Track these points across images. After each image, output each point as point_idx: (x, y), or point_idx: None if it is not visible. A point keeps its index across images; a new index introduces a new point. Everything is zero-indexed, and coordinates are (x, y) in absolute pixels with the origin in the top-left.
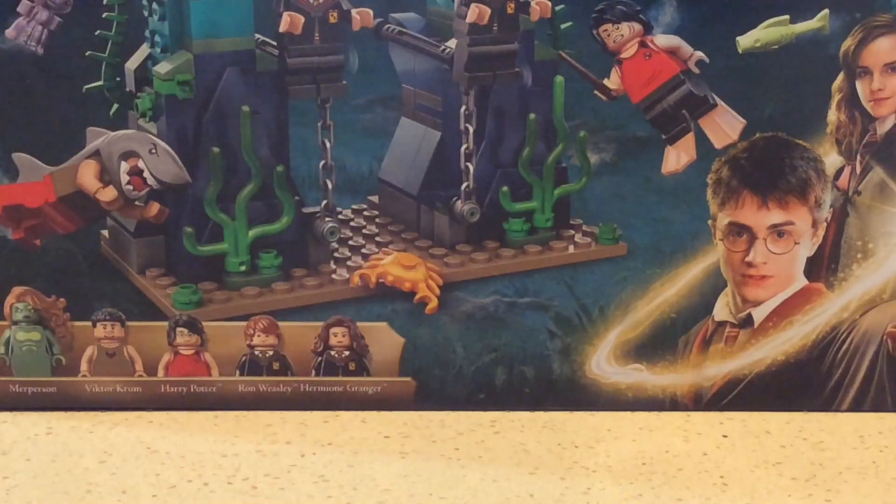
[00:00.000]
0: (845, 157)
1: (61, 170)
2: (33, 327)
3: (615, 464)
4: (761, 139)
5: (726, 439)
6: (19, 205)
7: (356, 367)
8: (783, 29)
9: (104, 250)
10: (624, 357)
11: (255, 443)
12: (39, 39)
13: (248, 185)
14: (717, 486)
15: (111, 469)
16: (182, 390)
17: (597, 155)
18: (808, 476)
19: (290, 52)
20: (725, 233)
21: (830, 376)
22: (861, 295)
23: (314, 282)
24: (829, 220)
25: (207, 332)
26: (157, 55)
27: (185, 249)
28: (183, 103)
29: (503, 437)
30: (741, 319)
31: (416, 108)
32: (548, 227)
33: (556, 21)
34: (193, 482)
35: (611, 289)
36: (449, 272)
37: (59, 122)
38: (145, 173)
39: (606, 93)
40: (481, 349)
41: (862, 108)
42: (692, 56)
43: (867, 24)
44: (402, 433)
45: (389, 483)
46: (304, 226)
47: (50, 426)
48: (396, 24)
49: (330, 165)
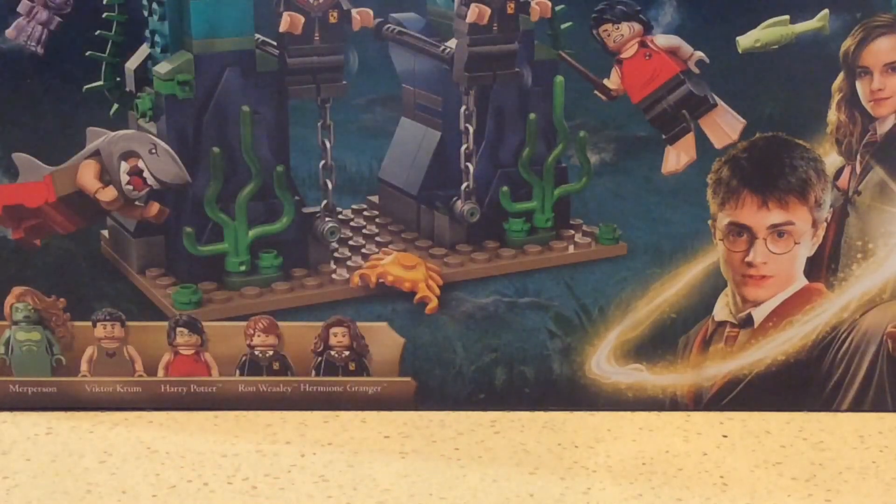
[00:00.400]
0: (845, 157)
1: (61, 170)
2: (33, 327)
3: (615, 464)
4: (761, 139)
5: (726, 439)
6: (19, 205)
7: (356, 367)
8: (783, 29)
9: (104, 250)
10: (624, 357)
11: (255, 443)
12: (39, 39)
13: (248, 185)
14: (717, 486)
15: (111, 469)
16: (182, 390)
17: (597, 155)
18: (808, 476)
19: (290, 52)
20: (725, 233)
21: (830, 376)
22: (861, 295)
23: (314, 282)
24: (829, 220)
25: (207, 332)
26: (157, 55)
27: (185, 249)
28: (183, 103)
29: (503, 437)
30: (741, 319)
31: (416, 108)
32: (548, 227)
33: (556, 21)
34: (193, 482)
35: (611, 289)
36: (449, 272)
37: (59, 122)
38: (145, 173)
39: (606, 93)
40: (481, 349)
41: (862, 108)
42: (692, 56)
43: (867, 24)
44: (402, 433)
45: (389, 483)
46: (304, 226)
47: (50, 426)
48: (396, 24)
49: (330, 165)
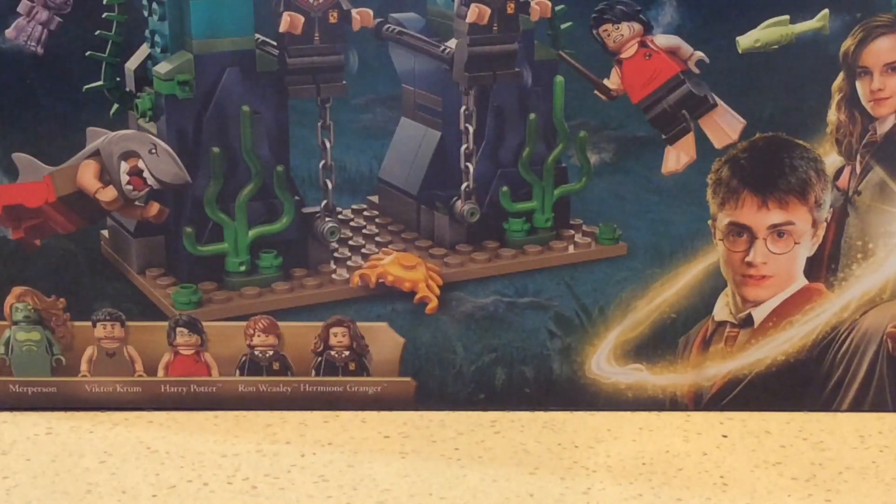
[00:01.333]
0: (845, 157)
1: (61, 170)
2: (33, 327)
3: (615, 464)
4: (761, 139)
5: (726, 439)
6: (19, 205)
7: (356, 367)
8: (783, 29)
9: (104, 250)
10: (624, 357)
11: (255, 443)
12: (39, 39)
13: (248, 185)
14: (717, 486)
15: (111, 469)
16: (182, 390)
17: (597, 155)
18: (808, 476)
19: (290, 52)
20: (725, 233)
21: (830, 376)
22: (861, 295)
23: (314, 282)
24: (829, 220)
25: (207, 332)
26: (157, 55)
27: (185, 249)
28: (183, 103)
29: (503, 437)
30: (741, 319)
31: (416, 108)
32: (548, 227)
33: (556, 21)
34: (193, 482)
35: (611, 289)
36: (449, 272)
37: (58, 123)
38: (145, 173)
39: (606, 93)
40: (481, 349)
41: (862, 108)
42: (692, 56)
43: (867, 24)
44: (402, 433)
45: (389, 483)
46: (304, 226)
47: (50, 426)
48: (396, 24)
49: (330, 165)
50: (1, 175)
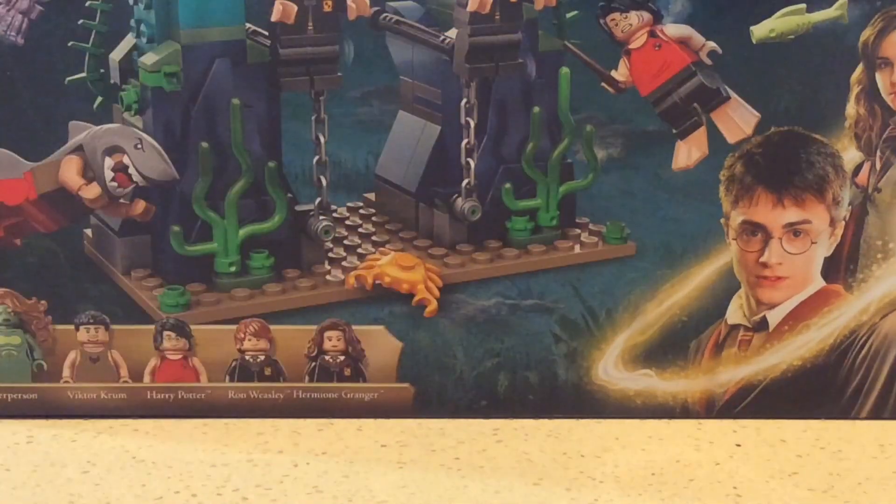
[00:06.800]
0: (864, 153)
1: (42, 166)
2: (13, 331)
3: (623, 474)
4: (776, 134)
5: (740, 448)
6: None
7: (352, 373)
8: (799, 18)
9: (87, 250)
10: (632, 362)
11: (246, 452)
12: (20, 29)
13: (238, 181)
14: (731, 498)
15: (95, 480)
16: (169, 397)
17: (604, 150)
18: (826, 487)
19: (282, 43)
20: (739, 232)
21: (849, 382)
22: (881, 297)
23: (308, 283)
24: (847, 218)
25: (196, 336)
26: (142, 46)
27: (173, 249)
28: (170, 96)
29: (506, 445)
30: (755, 322)
31: (415, 101)
32: (552, 225)
33: (561, 10)
34: (181, 493)
35: (619, 290)
36: (449, 273)
37: (40, 116)
38: (130, 169)
39: (614, 85)
40: (483, 354)
41: (882, 102)
42: (704, 46)
43: (887, 14)
44: (400, 442)
45: (387, 494)
46: (296, 224)
47: (31, 434)
48: (394, 13)
49: (324, 161)
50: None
